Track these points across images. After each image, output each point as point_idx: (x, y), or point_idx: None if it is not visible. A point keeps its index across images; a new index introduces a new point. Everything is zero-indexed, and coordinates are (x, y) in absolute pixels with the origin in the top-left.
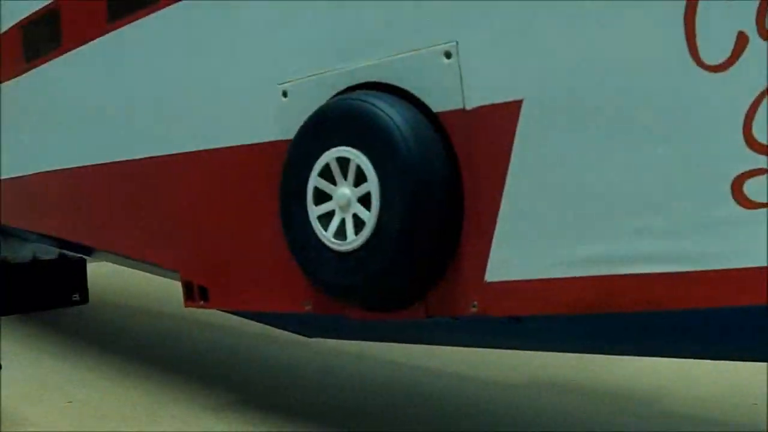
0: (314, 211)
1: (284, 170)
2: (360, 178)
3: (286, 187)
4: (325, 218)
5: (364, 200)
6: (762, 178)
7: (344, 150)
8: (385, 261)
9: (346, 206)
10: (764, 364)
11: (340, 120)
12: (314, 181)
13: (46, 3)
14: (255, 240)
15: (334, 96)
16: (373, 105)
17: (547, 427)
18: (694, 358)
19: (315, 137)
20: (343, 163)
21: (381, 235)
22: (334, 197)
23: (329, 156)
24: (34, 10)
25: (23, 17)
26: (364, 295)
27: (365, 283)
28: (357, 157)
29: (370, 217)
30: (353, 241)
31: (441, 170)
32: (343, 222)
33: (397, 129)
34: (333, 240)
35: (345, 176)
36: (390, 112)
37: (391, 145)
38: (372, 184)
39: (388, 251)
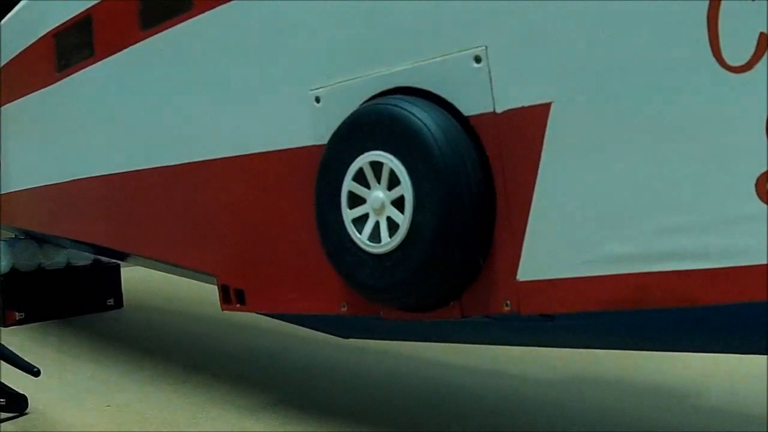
0: (349, 214)
1: (319, 175)
2: (393, 182)
3: (321, 191)
4: (360, 221)
5: (398, 203)
6: None
7: (378, 154)
8: (419, 263)
9: (380, 209)
10: None
11: (373, 124)
12: (348, 185)
13: (77, 13)
14: (291, 243)
15: (366, 101)
16: (406, 109)
17: (578, 422)
18: (726, 353)
19: (348, 142)
20: (377, 167)
21: (415, 238)
22: (368, 200)
23: (363, 160)
24: (64, 21)
25: (54, 27)
26: (399, 296)
27: (400, 285)
28: (390, 161)
29: (403, 220)
30: (387, 243)
31: (473, 173)
32: (377, 225)
33: (430, 133)
34: (368, 242)
35: (379, 180)
36: (422, 116)
37: (423, 148)
38: (405, 188)
39: (422, 253)
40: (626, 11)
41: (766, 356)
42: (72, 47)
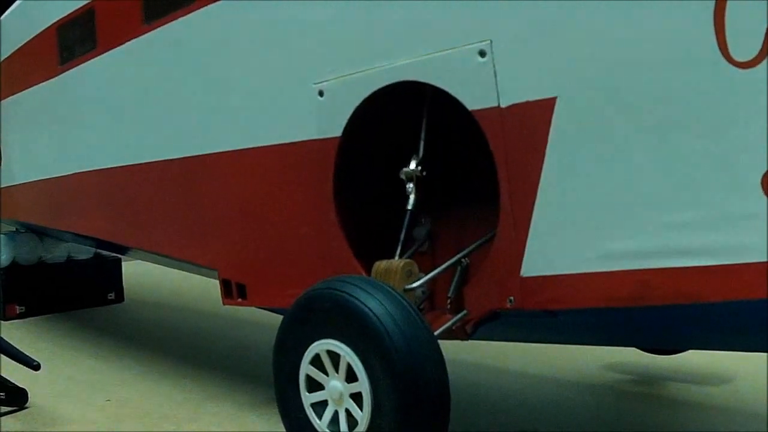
0: (308, 398)
1: (276, 349)
2: (352, 375)
3: (279, 367)
4: (320, 406)
5: (357, 398)
6: None
7: (334, 344)
8: None
9: (339, 400)
10: None
11: (328, 312)
12: (306, 368)
13: (80, 6)
14: (292, 237)
15: (324, 282)
16: (362, 302)
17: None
18: (729, 350)
19: (305, 324)
20: (334, 356)
21: None
22: (327, 388)
23: (319, 346)
24: (67, 13)
25: (56, 20)
26: None
27: None
28: (347, 354)
29: (362, 419)
30: None
31: (434, 373)
32: (336, 414)
33: (387, 333)
34: (327, 431)
35: (336, 369)
36: (379, 312)
37: (380, 349)
38: (363, 386)
39: None
40: (632, 5)
41: (766, 354)
42: (74, 40)
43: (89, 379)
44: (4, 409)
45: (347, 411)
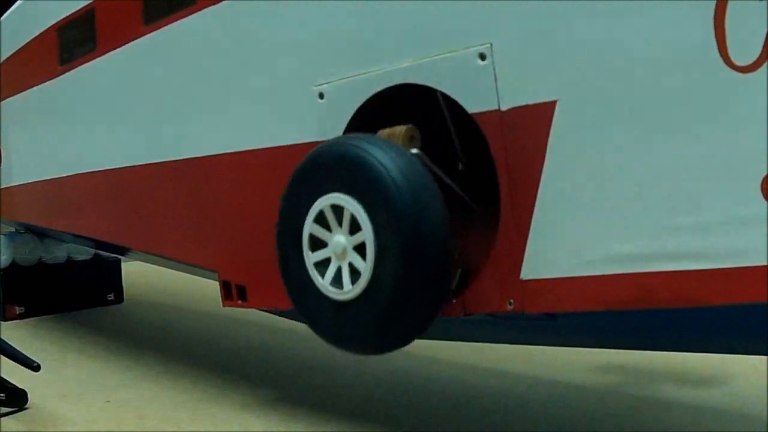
0: (311, 257)
1: (280, 214)
2: (355, 227)
3: (282, 231)
4: (323, 265)
5: (361, 249)
6: None
7: (338, 197)
8: (381, 312)
9: (342, 255)
10: None
11: (333, 165)
12: (310, 227)
13: (80, 7)
14: None
15: (330, 140)
16: (366, 151)
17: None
18: (730, 353)
19: (309, 182)
20: (338, 210)
21: (377, 287)
22: (330, 244)
23: (323, 202)
24: (67, 14)
25: (56, 21)
26: (361, 345)
27: (362, 333)
28: (351, 206)
29: (365, 269)
30: (350, 291)
31: (436, 219)
32: (339, 270)
33: (390, 178)
34: (330, 288)
35: (340, 224)
36: (384, 159)
37: (384, 195)
38: (366, 235)
39: (384, 303)
40: (632, 9)
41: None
42: (74, 41)
43: (89, 380)
44: (4, 410)
45: (350, 265)
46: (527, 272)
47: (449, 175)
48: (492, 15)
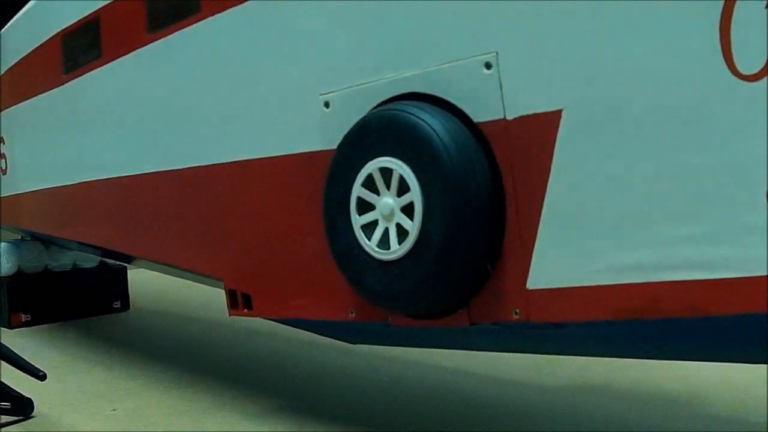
0: (358, 220)
1: (328, 180)
2: (403, 189)
3: (329, 197)
4: (369, 227)
5: (408, 210)
6: None
7: (387, 160)
8: (428, 271)
9: (390, 216)
10: None
11: (382, 130)
12: (358, 190)
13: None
14: (299, 248)
15: (376, 107)
16: (415, 115)
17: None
18: (737, 362)
19: (358, 147)
20: (386, 173)
21: (424, 246)
22: (378, 207)
23: (372, 166)
24: (72, 22)
25: (61, 29)
26: (407, 304)
27: (408, 293)
28: (400, 167)
29: (413, 227)
30: (397, 250)
31: (482, 181)
32: (386, 231)
33: (439, 139)
34: (377, 249)
35: (388, 186)
36: (432, 122)
37: (433, 156)
38: (415, 194)
39: (431, 262)
40: (637, 18)
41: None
42: (79, 49)
43: (95, 389)
44: (11, 418)
45: (398, 226)
46: (533, 282)
47: None
48: (497, 24)
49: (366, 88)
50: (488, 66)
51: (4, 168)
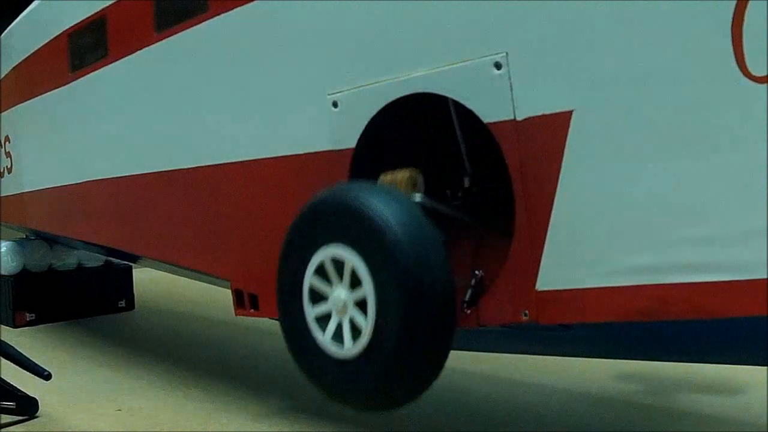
0: (311, 311)
1: (279, 263)
2: (356, 281)
3: (282, 282)
4: (323, 320)
5: (362, 304)
6: None
7: (338, 251)
8: (382, 371)
9: (342, 309)
10: None
11: (334, 216)
12: (310, 279)
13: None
14: None
15: (330, 186)
16: (368, 205)
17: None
18: (746, 364)
19: (310, 230)
20: (339, 263)
21: (378, 345)
22: (330, 299)
23: (324, 254)
24: (79, 21)
25: (68, 27)
26: (364, 403)
27: (363, 392)
28: (351, 258)
29: (366, 325)
30: (350, 348)
31: (439, 271)
32: (340, 326)
33: (393, 234)
34: (330, 345)
35: (341, 277)
36: (384, 211)
37: (385, 247)
38: (368, 290)
39: (385, 361)
40: (649, 19)
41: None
42: (86, 48)
43: (100, 388)
44: (15, 418)
45: (351, 321)
46: (542, 283)
47: (457, 192)
48: (507, 24)
49: (374, 88)
50: (498, 66)
51: (9, 166)
